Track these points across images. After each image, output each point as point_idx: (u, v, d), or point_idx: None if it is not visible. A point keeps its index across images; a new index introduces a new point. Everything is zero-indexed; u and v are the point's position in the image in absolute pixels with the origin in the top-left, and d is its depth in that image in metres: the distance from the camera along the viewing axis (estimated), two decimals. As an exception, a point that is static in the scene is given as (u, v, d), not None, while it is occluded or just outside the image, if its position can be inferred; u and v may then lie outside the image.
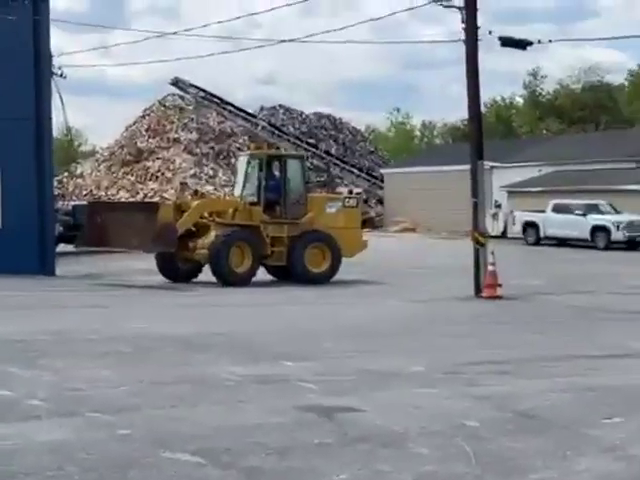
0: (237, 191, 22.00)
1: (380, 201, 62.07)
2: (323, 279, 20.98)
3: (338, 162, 68.15)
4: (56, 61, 25.12)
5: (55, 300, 16.52)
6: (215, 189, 56.04)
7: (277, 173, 21.35)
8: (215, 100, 65.79)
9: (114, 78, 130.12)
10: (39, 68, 23.93)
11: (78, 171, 61.83)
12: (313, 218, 21.38)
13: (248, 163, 21.64)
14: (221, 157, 66.66)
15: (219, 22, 57.73)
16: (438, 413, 7.24)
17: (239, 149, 68.68)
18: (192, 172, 57.21)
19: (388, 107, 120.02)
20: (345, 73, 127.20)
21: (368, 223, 59.36)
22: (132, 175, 57.35)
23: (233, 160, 66.93)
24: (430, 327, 13.29)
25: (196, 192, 22.67)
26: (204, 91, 65.17)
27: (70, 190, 56.88)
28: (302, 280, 20.80)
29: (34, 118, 23.82)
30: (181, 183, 24.80)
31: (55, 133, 28.04)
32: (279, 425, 6.62)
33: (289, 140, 67.56)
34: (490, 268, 17.61)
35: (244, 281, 19.91)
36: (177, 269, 20.97)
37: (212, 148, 65.66)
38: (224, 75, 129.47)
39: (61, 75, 25.56)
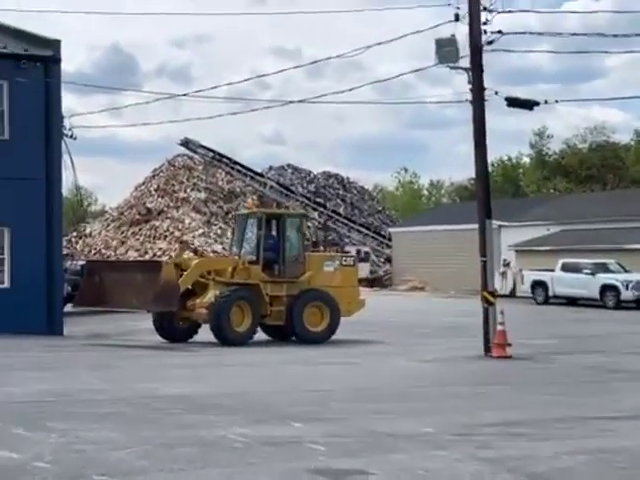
0: (235, 249, 21.90)
1: (388, 260, 62.10)
2: (322, 339, 20.80)
3: (346, 221, 68.39)
4: (67, 122, 25.38)
5: (62, 361, 16.45)
6: (224, 248, 56.12)
7: (276, 232, 21.33)
8: (224, 160, 66.40)
9: (124, 139, 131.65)
10: (50, 129, 24.25)
11: (87, 230, 62.12)
12: (311, 277, 21.30)
13: (246, 221, 21.59)
14: (230, 216, 66.92)
15: (229, 84, 58.49)
16: (448, 477, 7.12)
17: (248, 209, 69.08)
18: (201, 231, 57.47)
19: (395, 166, 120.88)
20: (353, 133, 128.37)
21: (376, 282, 59.38)
22: (141, 235, 57.57)
23: (241, 219, 67.39)
24: (439, 387, 13.17)
25: (195, 251, 22.63)
26: (213, 151, 65.82)
27: (79, 249, 57.07)
28: (301, 340, 20.69)
29: (44, 179, 24.05)
30: (180, 242, 24.56)
31: (65, 193, 28.19)
32: (289, 489, 6.51)
33: (297, 199, 67.92)
34: (500, 327, 17.51)
35: (244, 340, 19.78)
36: (175, 329, 20.78)
37: (221, 207, 66.01)
38: (233, 135, 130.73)
39: (71, 136, 25.81)
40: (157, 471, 6.93)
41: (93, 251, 56.91)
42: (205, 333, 20.22)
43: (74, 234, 61.65)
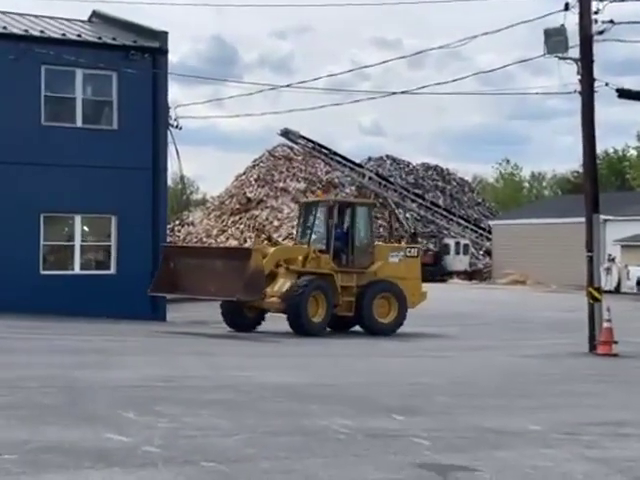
0: (302, 238, 21.48)
1: (488, 253, 61.29)
2: (389, 330, 20.53)
3: (445, 213, 67.75)
4: (172, 112, 25.85)
5: (167, 346, 16.79)
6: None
7: (345, 221, 20.96)
8: (323, 151, 66.63)
9: (226, 129, 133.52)
10: (157, 119, 24.73)
11: (189, 219, 63.29)
12: (379, 267, 20.98)
13: (316, 210, 21.29)
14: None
15: (329, 75, 58.55)
16: (556, 476, 6.97)
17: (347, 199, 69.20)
18: (299, 221, 57.84)
19: (496, 158, 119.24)
20: (453, 124, 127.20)
21: (475, 275, 58.74)
22: (241, 224, 58.30)
23: (340, 210, 67.56)
24: (544, 384, 12.92)
25: (269, 239, 22.35)
26: (313, 142, 66.14)
27: (181, 237, 58.14)
28: (368, 331, 20.39)
29: (151, 168, 24.57)
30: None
31: (169, 182, 28.77)
32: (396, 482, 6.48)
33: (395, 190, 67.63)
34: (606, 324, 17.09)
35: (319, 331, 19.53)
36: (244, 318, 20.43)
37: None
38: (332, 126, 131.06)
39: (177, 126, 26.27)
40: (263, 459, 6.99)
41: (195, 239, 57.93)
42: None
43: (177, 222, 62.87)
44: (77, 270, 24.22)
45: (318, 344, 18.13)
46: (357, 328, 21.32)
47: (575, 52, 17.77)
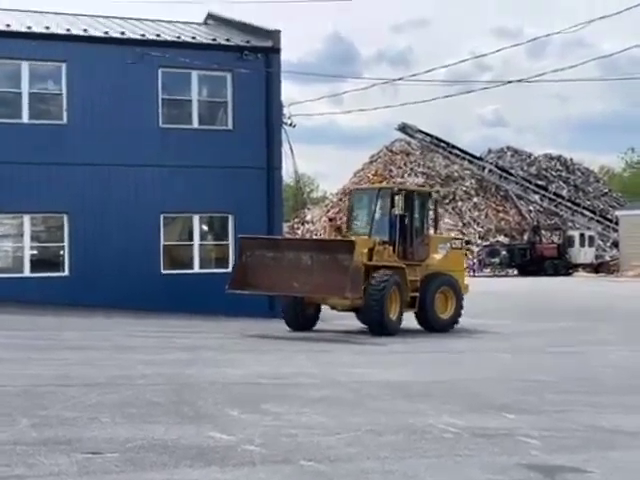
0: (359, 228, 20.08)
1: (615, 245, 59.42)
2: (448, 326, 19.70)
3: (569, 204, 66.02)
4: (286, 111, 26.04)
5: (278, 343, 16.83)
6: (441, 233, 55.81)
7: (405, 210, 19.74)
8: (442, 144, 66.03)
9: (343, 126, 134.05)
10: (270, 118, 24.94)
11: (308, 217, 63.76)
12: (433, 260, 20.08)
13: (376, 198, 19.94)
14: (447, 201, 66.48)
15: (445, 66, 57.77)
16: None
17: (466, 192, 68.38)
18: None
19: (622, 147, 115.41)
20: (576, 113, 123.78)
21: (602, 267, 56.97)
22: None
23: (460, 204, 66.84)
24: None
25: (339, 229, 20.61)
26: (430, 136, 65.63)
27: (300, 235, 58.62)
28: (430, 328, 19.43)
29: (265, 167, 24.82)
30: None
31: (286, 180, 29.01)
32: (498, 484, 6.25)
33: (517, 182, 66.32)
34: None
35: (396, 329, 18.41)
36: (305, 315, 19.14)
37: (438, 192, 65.67)
38: (451, 119, 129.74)
39: (291, 124, 26.48)
40: (364, 459, 6.86)
41: (314, 236, 58.27)
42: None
43: (296, 220, 63.46)
44: (196, 269, 24.67)
45: (411, 343, 17.45)
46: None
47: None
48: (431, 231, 21.12)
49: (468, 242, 53.90)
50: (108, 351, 13.90)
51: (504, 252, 57.32)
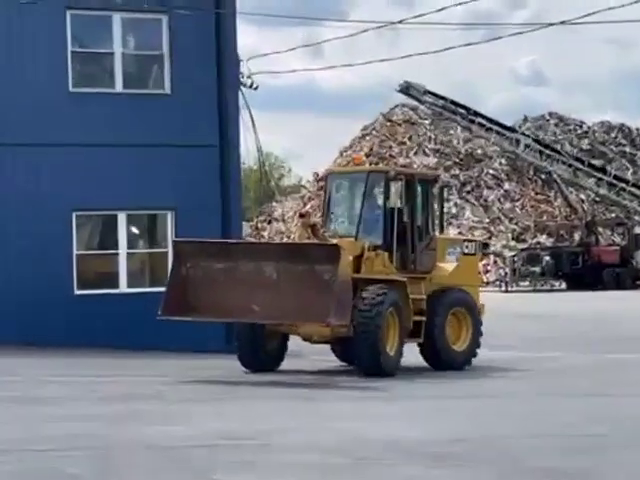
0: (340, 227, 19.86)
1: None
2: (463, 362, 19.46)
3: (636, 191, 66.47)
4: (244, 67, 26.00)
5: (235, 391, 16.90)
6: (460, 233, 55.96)
7: (406, 202, 19.41)
8: (459, 111, 66.18)
9: (324, 87, 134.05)
10: (223, 78, 24.93)
11: (277, 213, 63.84)
12: (444, 270, 19.86)
13: (365, 185, 19.47)
14: (468, 189, 66.74)
15: (459, 4, 58.24)
16: None
17: (494, 177, 68.72)
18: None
19: None
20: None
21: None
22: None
23: (485, 192, 67.19)
24: None
25: (314, 227, 19.77)
26: (444, 99, 65.79)
27: (267, 238, 58.67)
28: (440, 364, 19.18)
29: (217, 145, 24.79)
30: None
31: (245, 163, 29.01)
32: None
33: (564, 162, 66.68)
34: None
35: (395, 368, 18.16)
36: (265, 350, 18.76)
37: (456, 176, 65.92)
38: (472, 76, 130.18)
39: (251, 85, 26.44)
40: None
41: (285, 239, 58.33)
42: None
43: (260, 218, 63.53)
44: (123, 288, 24.57)
45: (403, 385, 17.39)
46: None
47: None
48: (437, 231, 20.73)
49: (486, 245, 54.01)
50: (6, 403, 13.84)
51: (547, 258, 57.57)
